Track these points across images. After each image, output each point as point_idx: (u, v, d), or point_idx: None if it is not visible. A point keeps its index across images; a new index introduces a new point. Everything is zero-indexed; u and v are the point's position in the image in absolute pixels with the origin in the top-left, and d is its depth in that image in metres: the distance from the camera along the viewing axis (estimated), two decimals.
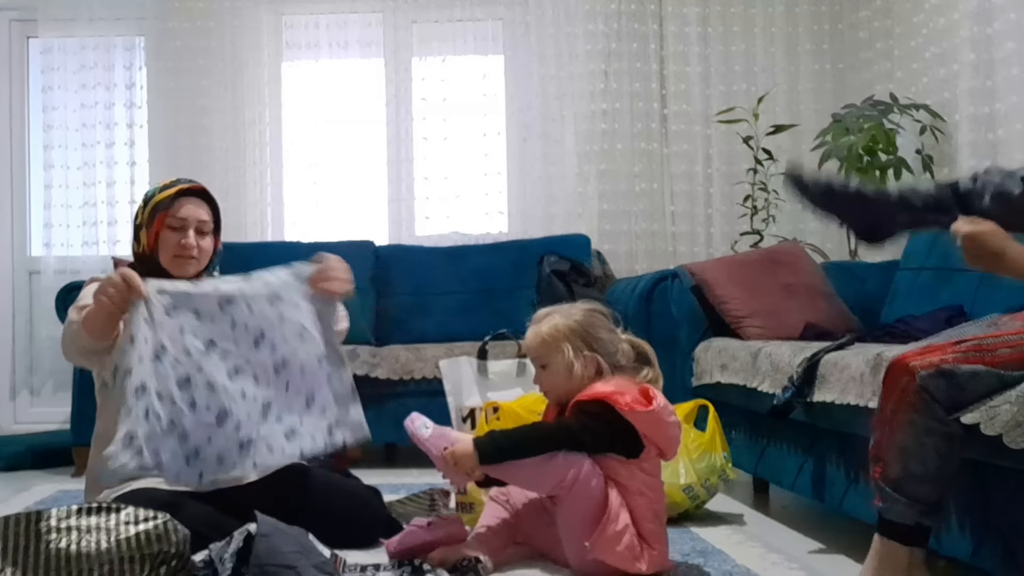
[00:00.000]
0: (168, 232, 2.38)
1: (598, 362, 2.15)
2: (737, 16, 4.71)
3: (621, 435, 2.07)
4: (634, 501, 2.07)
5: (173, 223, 2.38)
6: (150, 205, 2.39)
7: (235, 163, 4.71)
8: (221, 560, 1.89)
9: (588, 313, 2.20)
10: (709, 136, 4.68)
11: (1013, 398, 1.57)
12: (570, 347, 2.14)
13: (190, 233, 2.38)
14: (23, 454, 3.96)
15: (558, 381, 2.18)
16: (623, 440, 2.08)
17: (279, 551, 1.87)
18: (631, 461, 2.08)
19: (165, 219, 2.37)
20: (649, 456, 2.11)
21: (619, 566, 2.03)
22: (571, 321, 2.17)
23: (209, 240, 2.44)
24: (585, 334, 2.16)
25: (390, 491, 2.86)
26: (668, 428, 2.11)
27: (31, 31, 4.87)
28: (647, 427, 2.07)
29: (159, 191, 2.41)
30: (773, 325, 3.03)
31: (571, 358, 2.14)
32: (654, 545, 2.08)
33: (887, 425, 1.72)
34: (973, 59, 3.50)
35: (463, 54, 4.80)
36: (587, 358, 2.14)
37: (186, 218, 2.38)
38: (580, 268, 4.06)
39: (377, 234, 4.70)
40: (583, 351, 2.14)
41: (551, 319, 2.19)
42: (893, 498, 1.71)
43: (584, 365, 2.14)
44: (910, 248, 3.25)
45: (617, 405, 2.04)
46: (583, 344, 2.15)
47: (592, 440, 2.06)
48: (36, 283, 4.79)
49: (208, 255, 2.45)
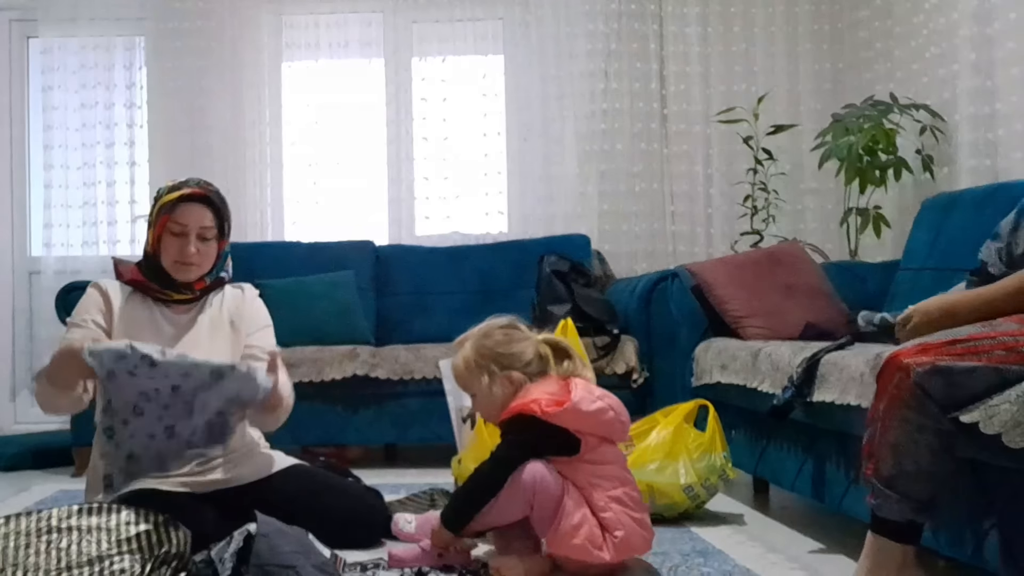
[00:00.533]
0: (169, 237, 2.34)
1: (511, 378, 2.20)
2: (737, 16, 4.71)
3: (552, 438, 2.11)
4: (588, 493, 2.11)
5: (174, 228, 2.33)
6: (156, 205, 2.36)
7: (235, 163, 4.71)
8: (221, 560, 1.89)
9: (496, 331, 2.25)
10: (709, 136, 4.68)
11: (1013, 397, 1.57)
12: (484, 373, 2.21)
13: (191, 240, 2.33)
14: (23, 454, 3.96)
15: (486, 406, 2.25)
16: (557, 441, 2.11)
17: (279, 551, 1.87)
18: (574, 457, 2.13)
19: (167, 223, 2.33)
20: (590, 447, 2.14)
21: (579, 558, 2.07)
22: (479, 346, 2.23)
23: (213, 245, 2.38)
24: (494, 355, 2.22)
25: (390, 491, 2.86)
26: (594, 416, 2.12)
27: (31, 31, 4.87)
28: (572, 422, 2.10)
29: (167, 192, 2.37)
30: (773, 325, 3.03)
31: (487, 384, 2.21)
32: (615, 531, 2.09)
33: (880, 422, 1.73)
34: (973, 59, 3.50)
35: (463, 54, 4.80)
36: (502, 378, 2.20)
37: (187, 224, 2.33)
38: (580, 268, 4.07)
39: (377, 234, 4.70)
40: (496, 373, 2.21)
41: (462, 350, 2.26)
42: (886, 495, 1.72)
43: (501, 385, 2.21)
44: (910, 248, 3.25)
45: (535, 414, 2.09)
46: (495, 366, 2.21)
47: (523, 454, 2.11)
48: (36, 283, 4.78)
49: (211, 260, 2.40)
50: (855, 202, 4.02)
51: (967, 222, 2.89)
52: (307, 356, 3.64)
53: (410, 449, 4.06)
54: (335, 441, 3.79)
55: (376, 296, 4.38)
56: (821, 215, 4.59)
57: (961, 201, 3.04)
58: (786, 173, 4.49)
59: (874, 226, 3.97)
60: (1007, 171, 3.34)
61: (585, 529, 2.07)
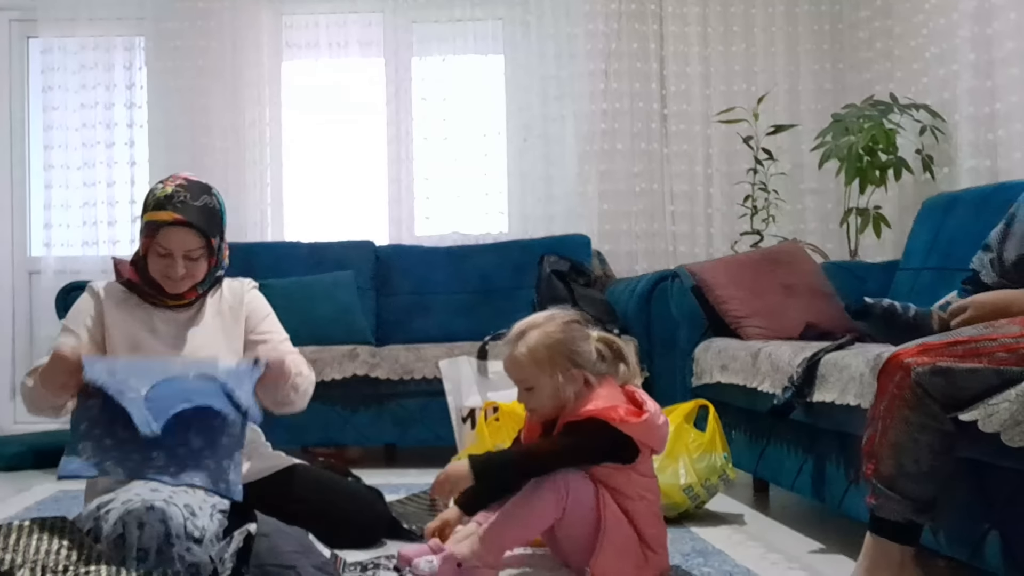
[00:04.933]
0: (155, 256, 2.27)
1: (584, 376, 2.08)
2: (737, 16, 4.71)
3: (623, 448, 2.05)
4: (634, 506, 2.05)
5: (159, 250, 2.25)
6: (144, 217, 2.28)
7: (235, 163, 4.71)
8: (221, 560, 1.89)
9: (566, 326, 2.11)
10: (709, 136, 4.68)
11: (1012, 396, 1.57)
12: (555, 368, 2.06)
13: (177, 261, 2.25)
14: (23, 454, 3.96)
15: (545, 402, 2.10)
16: (624, 451, 2.05)
17: (279, 551, 1.87)
18: (627, 466, 2.06)
19: (152, 244, 2.26)
20: (644, 458, 2.10)
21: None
22: (551, 340, 2.08)
23: (202, 263, 2.29)
24: (567, 350, 2.08)
25: (390, 491, 2.86)
26: (660, 430, 2.09)
27: (31, 31, 4.87)
28: (642, 434, 2.05)
29: (152, 205, 2.25)
30: (773, 325, 3.03)
31: (558, 379, 2.07)
32: (657, 549, 2.06)
33: (881, 422, 1.72)
34: (973, 59, 3.50)
35: (463, 54, 4.80)
36: (573, 375, 2.07)
37: (172, 248, 2.24)
38: (580, 268, 4.07)
39: (377, 234, 4.70)
40: (569, 369, 2.07)
41: (528, 338, 2.09)
42: (886, 495, 1.72)
43: (573, 383, 2.08)
44: (910, 248, 3.25)
45: (612, 421, 2.00)
46: (567, 362, 2.07)
47: (589, 458, 2.04)
48: (36, 283, 4.79)
49: (202, 272, 2.31)
50: (855, 202, 4.02)
51: (967, 222, 2.89)
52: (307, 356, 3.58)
53: (410, 449, 4.06)
54: (335, 441, 3.79)
55: (376, 296, 4.38)
56: (821, 215, 4.59)
57: (961, 201, 3.04)
58: (786, 173, 4.49)
59: (874, 226, 3.97)
60: (1007, 171, 3.34)
61: (631, 548, 2.01)
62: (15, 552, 2.12)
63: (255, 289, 2.52)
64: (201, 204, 2.27)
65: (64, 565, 2.04)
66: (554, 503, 1.99)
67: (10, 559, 2.06)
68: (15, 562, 2.04)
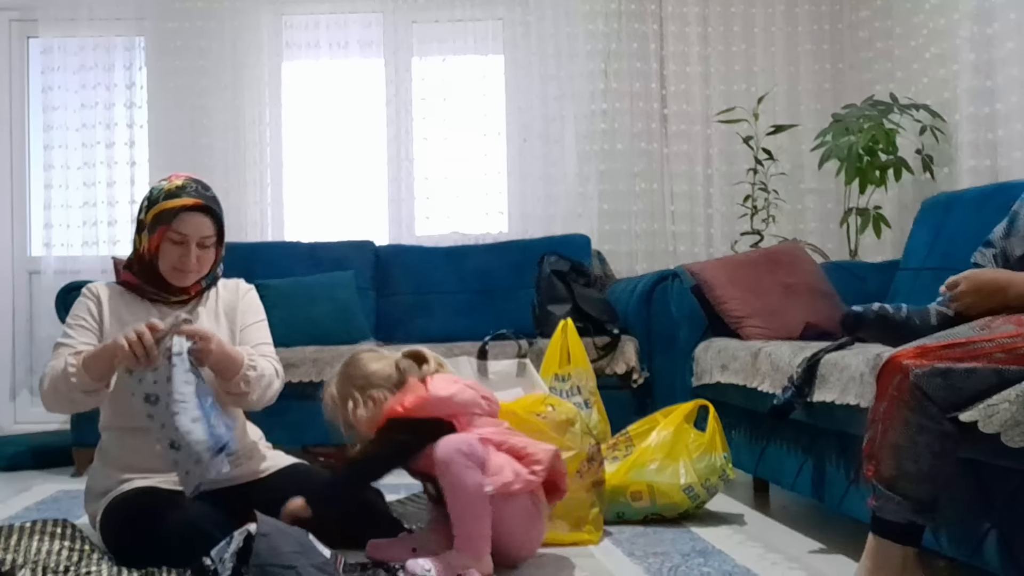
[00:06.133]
0: (169, 245, 2.32)
1: (372, 397, 2.26)
2: (737, 16, 4.71)
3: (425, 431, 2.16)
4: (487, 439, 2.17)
5: (174, 237, 2.30)
6: (153, 211, 2.32)
7: (235, 163, 4.71)
8: (221, 560, 1.90)
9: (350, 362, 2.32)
10: (709, 136, 4.68)
11: (1012, 396, 1.57)
12: (350, 402, 2.27)
13: (191, 249, 2.31)
14: (23, 454, 3.96)
15: (364, 428, 2.27)
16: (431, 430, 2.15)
17: (279, 551, 1.88)
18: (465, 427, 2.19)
19: (167, 232, 2.31)
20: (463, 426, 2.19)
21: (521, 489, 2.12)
22: (339, 379, 2.31)
23: (211, 252, 2.37)
24: (354, 382, 2.28)
25: (390, 491, 2.85)
26: (452, 398, 2.20)
27: (31, 31, 4.87)
28: (437, 410, 2.18)
29: (163, 197, 2.32)
30: (773, 325, 3.03)
31: (353, 409, 2.27)
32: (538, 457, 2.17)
33: (881, 423, 1.73)
34: (973, 59, 3.50)
35: (463, 54, 4.80)
36: (364, 399, 2.27)
37: (188, 234, 2.31)
38: (580, 268, 4.06)
39: (377, 234, 4.70)
40: (358, 397, 2.27)
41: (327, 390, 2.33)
42: (887, 496, 1.72)
43: (365, 406, 2.26)
44: (910, 248, 3.25)
45: (398, 415, 2.18)
46: (357, 391, 2.27)
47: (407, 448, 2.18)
48: (36, 283, 4.79)
49: (209, 265, 2.39)
50: (855, 202, 4.02)
51: (967, 222, 2.89)
52: (307, 356, 3.63)
53: None
54: (335, 441, 3.77)
55: (376, 296, 4.38)
56: (821, 215, 4.59)
57: (961, 201, 3.04)
58: (786, 173, 4.49)
59: (874, 226, 3.97)
60: (1007, 171, 3.35)
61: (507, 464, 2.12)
62: (16, 552, 2.13)
63: (253, 291, 2.54)
64: (211, 195, 2.39)
65: (65, 566, 2.05)
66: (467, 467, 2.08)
67: (11, 559, 2.07)
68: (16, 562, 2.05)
